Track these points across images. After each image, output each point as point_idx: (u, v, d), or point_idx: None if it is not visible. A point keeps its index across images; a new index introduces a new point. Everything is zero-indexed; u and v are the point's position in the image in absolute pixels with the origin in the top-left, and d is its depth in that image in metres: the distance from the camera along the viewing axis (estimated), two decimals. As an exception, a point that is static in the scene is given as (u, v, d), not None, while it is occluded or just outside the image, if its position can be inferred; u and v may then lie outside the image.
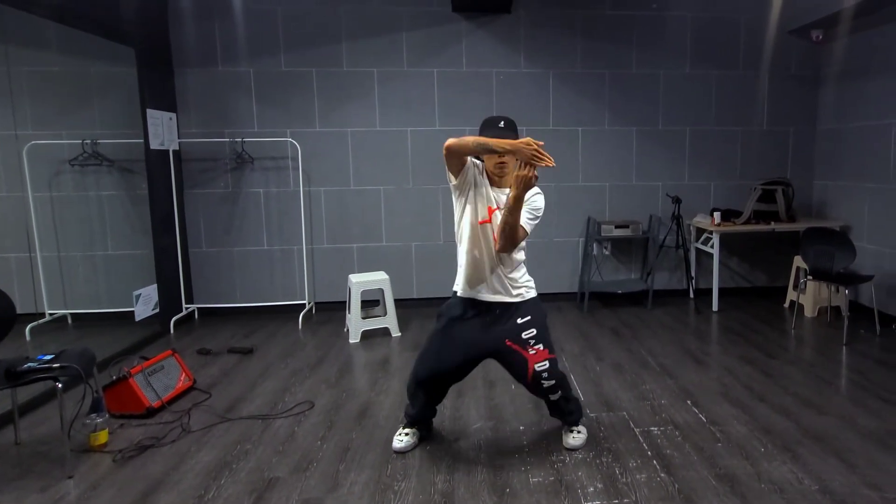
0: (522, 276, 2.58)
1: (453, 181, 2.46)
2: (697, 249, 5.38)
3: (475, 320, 2.54)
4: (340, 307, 5.00)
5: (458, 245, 2.58)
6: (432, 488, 2.39)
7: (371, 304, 4.69)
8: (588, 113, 5.15)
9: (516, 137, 2.33)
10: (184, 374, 3.46)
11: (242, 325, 4.81)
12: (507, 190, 2.35)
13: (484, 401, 3.25)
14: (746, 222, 4.99)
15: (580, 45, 5.14)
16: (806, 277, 4.52)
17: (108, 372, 3.29)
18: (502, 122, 2.43)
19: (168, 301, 4.71)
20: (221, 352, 4.17)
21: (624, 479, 2.43)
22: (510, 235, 2.33)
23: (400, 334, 4.50)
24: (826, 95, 5.26)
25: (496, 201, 2.46)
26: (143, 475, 2.53)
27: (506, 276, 2.51)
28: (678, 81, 5.25)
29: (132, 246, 4.79)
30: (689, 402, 3.17)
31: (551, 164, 2.15)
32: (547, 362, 2.50)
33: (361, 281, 4.43)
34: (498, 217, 2.40)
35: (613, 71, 5.19)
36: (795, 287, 4.98)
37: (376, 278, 4.50)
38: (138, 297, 4.33)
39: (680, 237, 5.11)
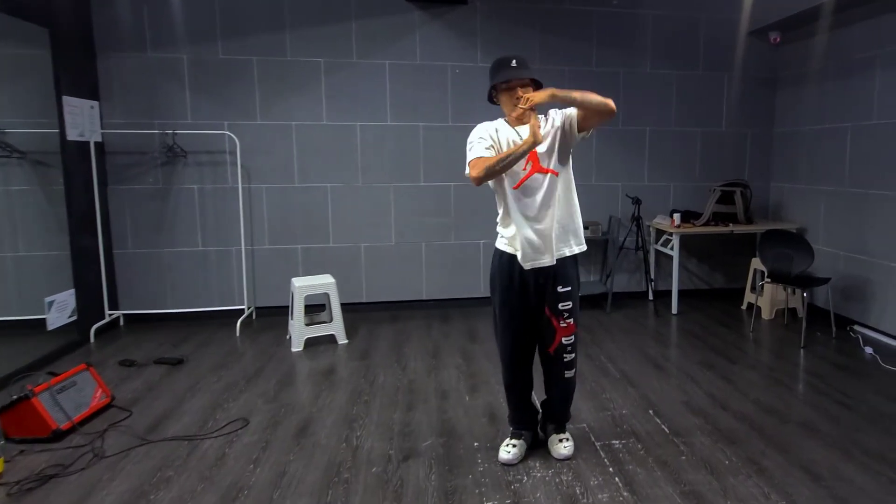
0: (577, 225, 2.45)
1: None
2: (657, 251, 5.38)
3: (521, 285, 2.44)
4: (283, 312, 4.73)
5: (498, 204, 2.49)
6: (376, 517, 2.21)
7: (316, 308, 4.45)
8: (547, 108, 5.05)
9: (529, 74, 2.35)
10: (100, 391, 3.14)
11: (173, 333, 4.49)
12: (539, 123, 2.30)
13: (436, 414, 3.08)
14: (706, 224, 5.01)
15: (539, 39, 5.06)
16: (764, 280, 4.56)
17: (7, 391, 2.94)
18: (514, 61, 2.34)
19: (88, 307, 4.33)
20: (147, 363, 3.85)
21: (585, 500, 2.30)
22: (600, 111, 2.27)
23: (347, 341, 4.28)
24: (783, 98, 5.36)
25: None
26: (41, 512, 2.24)
27: (561, 228, 2.39)
28: (638, 80, 5.24)
29: (47, 247, 4.39)
30: (651, 411, 3.09)
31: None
32: (573, 336, 2.49)
33: (305, 285, 4.19)
34: (543, 158, 2.32)
35: (573, 68, 5.13)
36: (753, 289, 5.04)
37: (321, 282, 4.27)
38: (51, 303, 3.95)
39: (640, 239, 5.09)
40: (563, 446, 2.61)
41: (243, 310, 4.74)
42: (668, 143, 5.36)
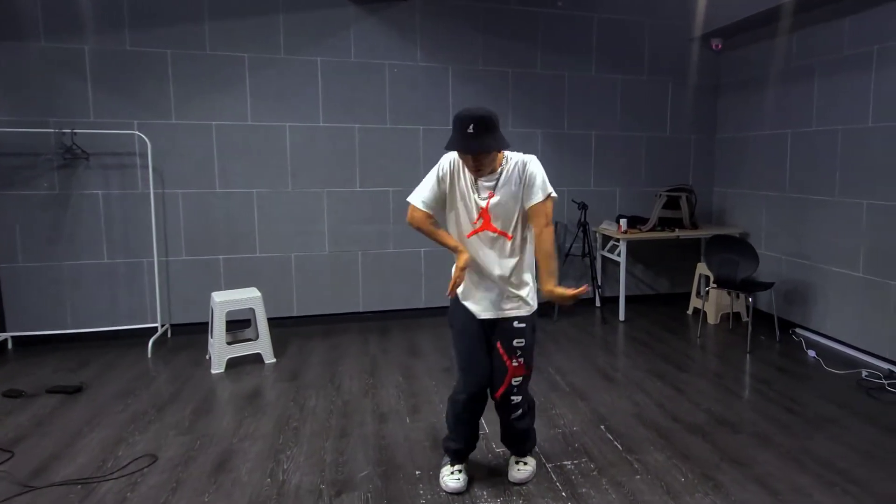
0: (527, 280, 2.36)
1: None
2: (603, 257, 5.39)
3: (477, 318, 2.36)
4: (202, 330, 4.39)
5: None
6: (302, 566, 1.98)
7: (240, 325, 4.15)
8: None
9: (495, 137, 2.07)
10: (-27, 431, 2.75)
11: (72, 357, 4.06)
12: (499, 176, 2.22)
13: (373, 439, 2.88)
14: (652, 229, 5.05)
15: (482, 39, 4.97)
16: (710, 285, 4.62)
17: None
18: (472, 127, 2.03)
19: (-32, 332, 3.85)
20: (38, 393, 3.44)
21: (536, 530, 2.16)
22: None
23: (275, 360, 4.00)
24: (725, 104, 5.50)
25: (480, 201, 2.24)
26: None
27: (508, 286, 2.31)
28: (584, 84, 5.24)
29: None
30: (602, 427, 3.01)
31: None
32: (522, 378, 2.35)
33: (227, 299, 3.88)
34: (492, 216, 2.24)
35: (517, 70, 5.07)
36: (699, 294, 5.11)
37: (246, 296, 3.98)
38: (-81, 328, 3.48)
39: (586, 245, 5.07)
40: (517, 469, 2.50)
41: (156, 328, 4.36)
42: (614, 147, 5.39)
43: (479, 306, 2.33)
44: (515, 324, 2.31)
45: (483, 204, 2.22)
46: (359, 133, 4.79)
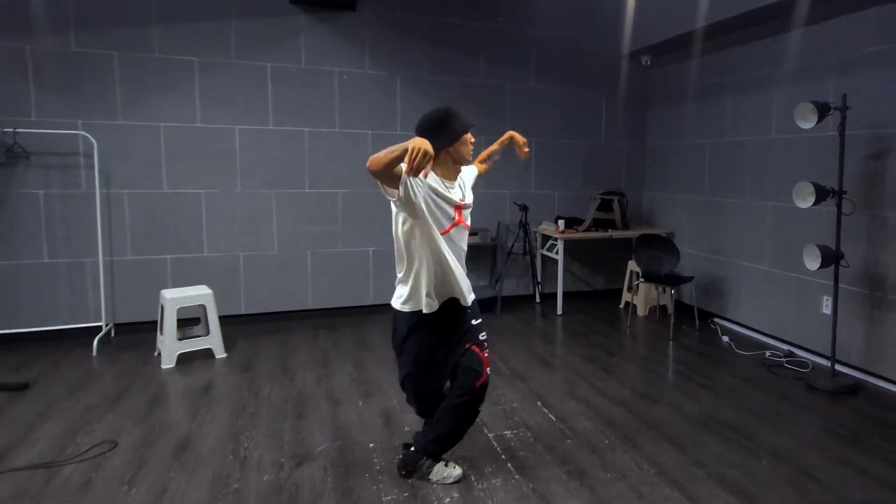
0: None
1: (396, 195, 2.14)
2: (543, 256, 5.86)
3: (435, 330, 2.45)
4: (148, 328, 4.53)
5: (406, 262, 2.38)
6: (270, 520, 2.26)
7: (189, 322, 4.32)
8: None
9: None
10: (-74, 423, 2.85)
11: (12, 356, 4.12)
12: (459, 180, 2.49)
13: (329, 420, 3.16)
14: (587, 230, 5.56)
15: (428, 50, 5.36)
16: (638, 280, 5.16)
17: None
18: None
19: None
20: (-17, 392, 3.53)
21: (480, 486, 2.52)
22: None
23: (226, 355, 4.21)
24: (653, 115, 6.11)
25: (457, 198, 2.41)
26: None
27: (464, 276, 2.49)
28: (524, 94, 5.72)
29: None
30: (539, 402, 3.41)
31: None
32: (489, 368, 2.54)
33: (178, 296, 4.07)
34: (466, 213, 2.46)
35: (461, 79, 5.49)
36: (630, 289, 5.65)
37: (196, 293, 4.17)
38: None
39: (527, 244, 5.52)
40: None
41: (100, 327, 4.47)
42: (553, 153, 5.88)
43: (444, 293, 2.43)
44: (474, 322, 2.53)
45: (458, 200, 2.40)
46: (308, 136, 5.07)
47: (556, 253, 5.47)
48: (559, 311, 5.47)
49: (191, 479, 2.56)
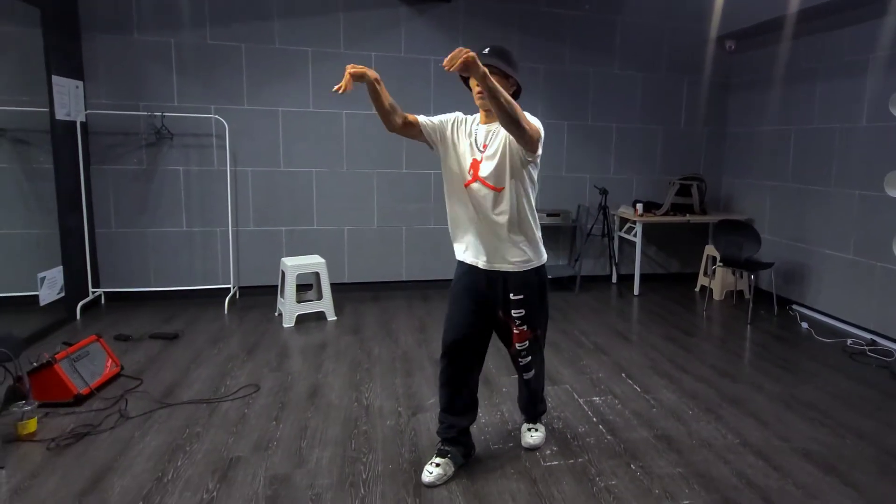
0: (522, 241, 2.32)
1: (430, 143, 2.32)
2: (620, 238, 5.93)
3: (471, 283, 2.39)
4: (267, 291, 4.99)
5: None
6: (400, 458, 2.57)
7: (302, 288, 4.73)
8: (521, 105, 5.47)
9: (505, 61, 2.23)
10: (110, 361, 3.35)
11: (159, 311, 4.66)
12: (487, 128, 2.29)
13: (433, 379, 3.44)
14: (665, 214, 5.58)
15: (516, 38, 5.47)
16: (716, 264, 5.17)
17: (25, 358, 3.11)
18: (487, 49, 2.26)
19: (74, 285, 4.45)
20: (142, 338, 4.04)
21: (576, 442, 2.74)
22: (504, 120, 2.06)
23: (336, 318, 4.59)
24: (735, 100, 6.00)
25: (480, 146, 2.27)
26: (87, 462, 2.48)
27: (504, 240, 2.29)
28: (607, 80, 5.75)
29: (27, 225, 4.47)
30: (623, 374, 3.58)
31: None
32: (527, 342, 2.45)
33: (297, 264, 4.46)
34: (484, 167, 2.24)
35: (547, 66, 5.58)
36: (706, 273, 5.66)
37: (312, 261, 4.55)
38: (43, 279, 4.07)
39: (605, 226, 5.61)
40: (530, 435, 2.69)
41: (229, 289, 4.96)
42: (633, 138, 5.90)
43: (473, 254, 2.38)
44: (512, 295, 2.34)
45: (478, 156, 2.26)
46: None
47: (634, 235, 5.54)
48: (636, 292, 5.56)
49: (326, 420, 2.92)
